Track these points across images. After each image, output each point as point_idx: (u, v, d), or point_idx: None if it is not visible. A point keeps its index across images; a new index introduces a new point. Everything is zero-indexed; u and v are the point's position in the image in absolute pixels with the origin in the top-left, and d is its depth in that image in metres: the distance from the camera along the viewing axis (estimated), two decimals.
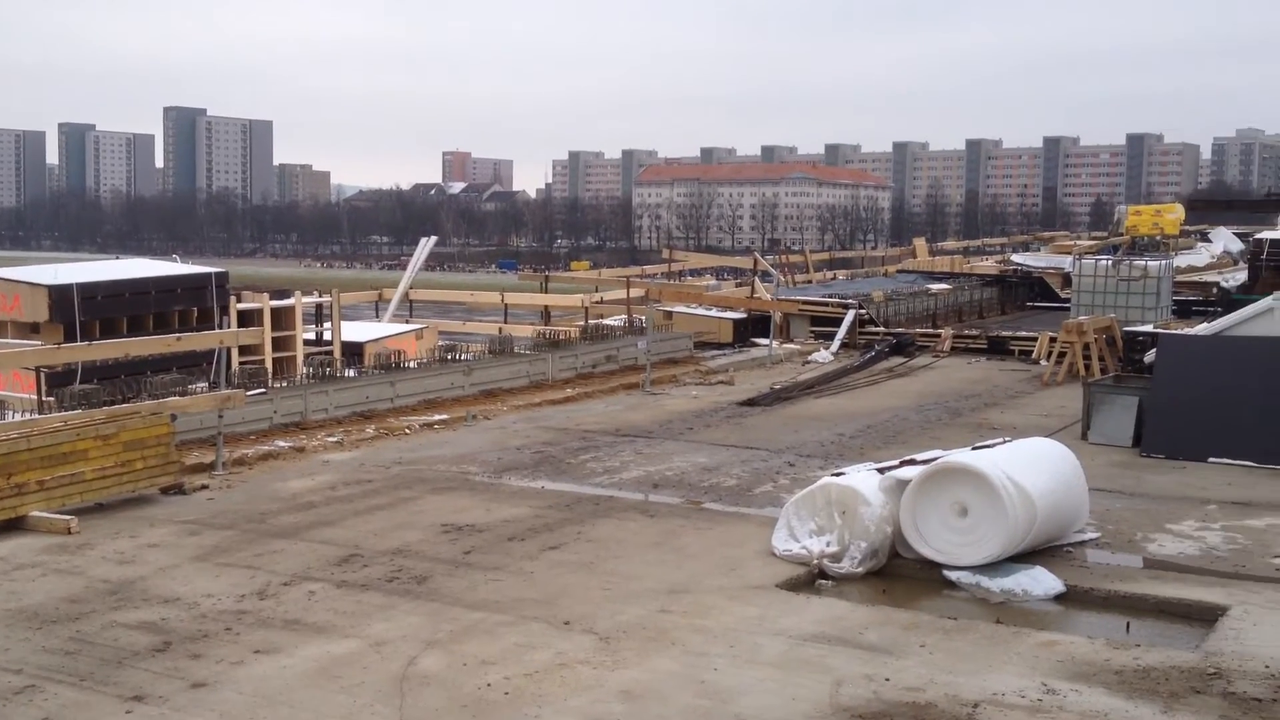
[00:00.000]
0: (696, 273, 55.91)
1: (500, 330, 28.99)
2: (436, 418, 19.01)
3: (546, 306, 33.00)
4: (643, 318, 25.87)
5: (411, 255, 41.17)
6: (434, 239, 40.65)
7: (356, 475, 14.97)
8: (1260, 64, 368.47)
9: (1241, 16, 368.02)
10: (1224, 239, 55.73)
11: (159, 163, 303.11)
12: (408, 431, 18.07)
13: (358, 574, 10.78)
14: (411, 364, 20.91)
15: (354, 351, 24.24)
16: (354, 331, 26.78)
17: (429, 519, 12.76)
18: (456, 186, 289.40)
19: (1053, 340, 24.59)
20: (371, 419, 18.72)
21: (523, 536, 12.09)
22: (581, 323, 28.78)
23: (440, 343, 24.75)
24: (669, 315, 29.68)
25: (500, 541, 11.89)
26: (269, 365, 21.20)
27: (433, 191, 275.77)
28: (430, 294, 37.94)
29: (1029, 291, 40.53)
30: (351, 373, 19.89)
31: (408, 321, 31.60)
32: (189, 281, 22.45)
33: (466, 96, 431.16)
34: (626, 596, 10.12)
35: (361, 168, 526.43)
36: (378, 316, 33.25)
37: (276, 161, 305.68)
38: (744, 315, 30.51)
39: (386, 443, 17.27)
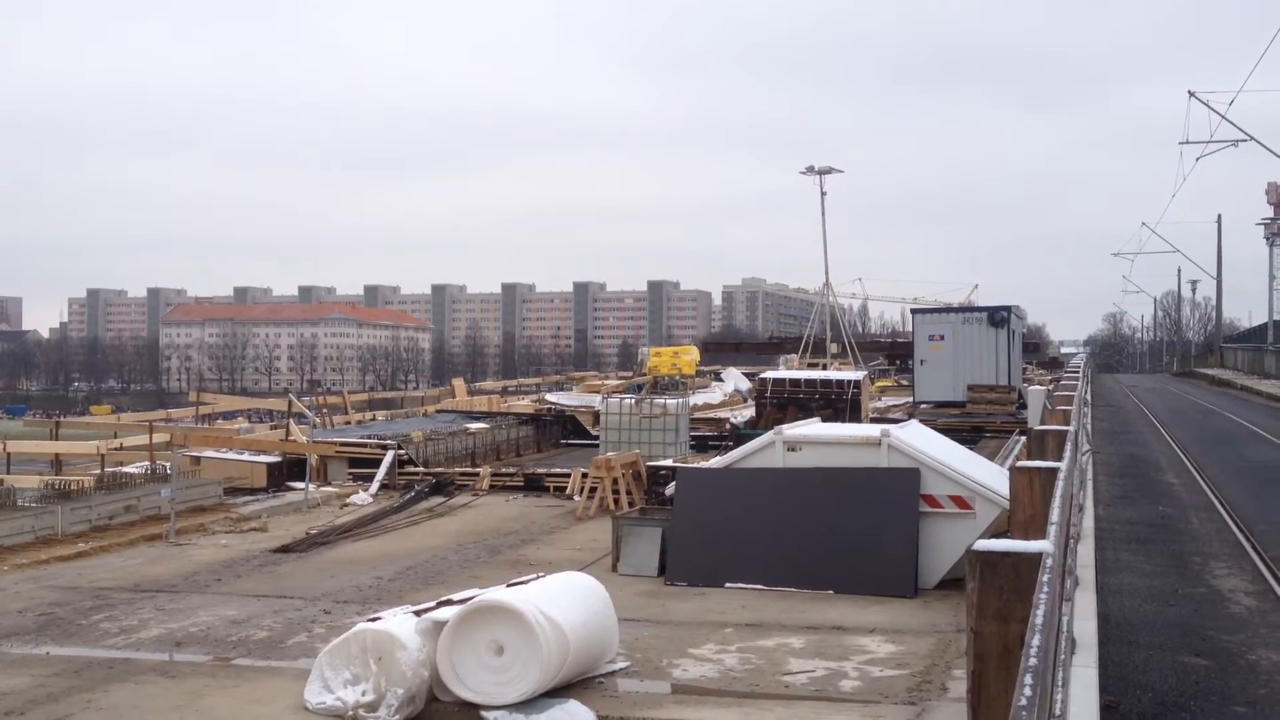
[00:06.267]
0: (229, 415, 53.73)
1: (1, 482, 26.38)
2: None
3: (57, 454, 30.47)
4: (167, 464, 24.41)
5: None
6: None
7: None
8: (759, 219, 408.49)
9: (744, 183, 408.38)
10: (734, 378, 60.47)
11: None
12: None
13: None
14: None
15: None
16: None
17: None
18: None
19: (584, 476, 25.54)
20: None
21: (22, 710, 10.87)
22: (98, 471, 26.74)
23: None
24: (197, 460, 28.18)
25: None
26: None
27: None
28: None
29: (563, 429, 41.99)
30: None
31: None
32: None
33: None
34: None
35: None
36: None
37: None
38: (279, 458, 29.52)
39: None
